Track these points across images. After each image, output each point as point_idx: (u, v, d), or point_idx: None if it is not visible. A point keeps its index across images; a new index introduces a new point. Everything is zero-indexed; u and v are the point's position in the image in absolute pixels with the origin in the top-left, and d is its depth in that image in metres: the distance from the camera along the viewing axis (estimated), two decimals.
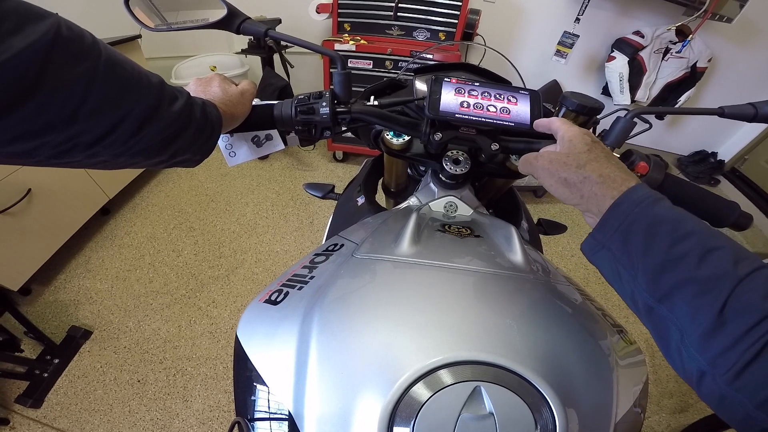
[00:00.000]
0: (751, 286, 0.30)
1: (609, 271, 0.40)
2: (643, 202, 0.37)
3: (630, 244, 0.37)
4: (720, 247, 0.33)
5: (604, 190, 0.40)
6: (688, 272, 0.33)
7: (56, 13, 0.32)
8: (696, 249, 0.33)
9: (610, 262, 0.39)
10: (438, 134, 0.57)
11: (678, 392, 1.68)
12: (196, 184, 2.55)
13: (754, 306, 0.29)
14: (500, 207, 0.90)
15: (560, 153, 0.44)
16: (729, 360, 0.29)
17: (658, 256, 0.34)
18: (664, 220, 0.36)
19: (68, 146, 0.34)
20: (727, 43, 2.60)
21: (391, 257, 0.48)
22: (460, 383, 0.34)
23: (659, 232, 0.35)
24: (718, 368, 0.30)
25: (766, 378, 0.28)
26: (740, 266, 0.31)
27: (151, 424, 1.43)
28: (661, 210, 0.36)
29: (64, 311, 1.77)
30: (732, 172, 3.12)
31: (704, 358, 0.31)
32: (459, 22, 2.19)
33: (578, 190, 0.42)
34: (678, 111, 0.60)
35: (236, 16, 0.53)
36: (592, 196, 0.41)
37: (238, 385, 0.45)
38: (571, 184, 0.42)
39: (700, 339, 0.31)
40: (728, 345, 0.30)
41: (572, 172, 0.42)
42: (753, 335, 0.29)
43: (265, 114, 0.58)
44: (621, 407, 0.40)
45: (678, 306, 0.33)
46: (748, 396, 0.29)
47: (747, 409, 0.29)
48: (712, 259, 0.32)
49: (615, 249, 0.38)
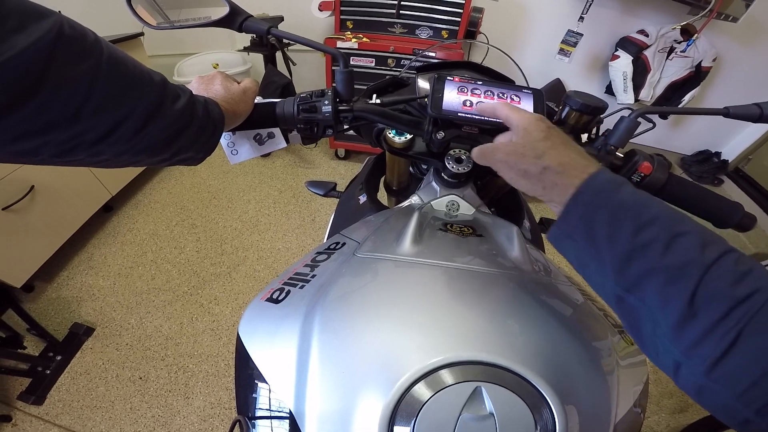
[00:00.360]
0: (719, 273, 0.30)
1: (576, 261, 0.39)
2: (604, 188, 0.36)
3: (594, 233, 0.36)
4: (686, 233, 0.32)
5: (565, 179, 0.39)
6: (654, 260, 0.32)
7: (59, 11, 0.32)
8: (662, 235, 0.32)
9: (576, 252, 0.38)
10: (440, 133, 0.57)
11: (678, 392, 1.68)
12: (198, 181, 2.55)
13: (723, 294, 0.29)
14: (502, 206, 0.89)
15: (516, 143, 0.43)
16: (703, 351, 0.29)
17: (623, 244, 0.34)
18: (627, 206, 0.35)
19: (71, 145, 0.34)
20: (732, 42, 2.58)
21: (393, 256, 0.48)
22: (461, 383, 0.34)
23: (623, 219, 0.34)
24: (693, 359, 0.30)
25: (742, 368, 0.28)
26: (707, 252, 0.31)
27: (152, 421, 1.44)
28: (623, 195, 0.35)
29: (66, 308, 1.78)
30: (736, 172, 3.10)
31: (678, 350, 0.31)
32: (462, 20, 2.18)
33: (539, 182, 0.41)
34: (682, 111, 0.60)
35: (238, 14, 0.53)
36: (554, 186, 0.40)
37: (240, 384, 0.45)
38: (531, 175, 0.41)
39: (673, 330, 0.31)
40: (701, 336, 0.29)
41: (531, 164, 0.41)
42: (725, 325, 0.28)
43: (267, 112, 0.58)
44: (621, 407, 0.40)
45: (648, 296, 0.32)
46: (727, 386, 0.29)
47: (727, 399, 0.29)
48: (678, 246, 0.32)
49: (579, 239, 0.37)
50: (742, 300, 0.28)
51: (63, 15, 0.32)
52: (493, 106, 0.48)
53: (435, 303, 0.41)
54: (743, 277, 0.29)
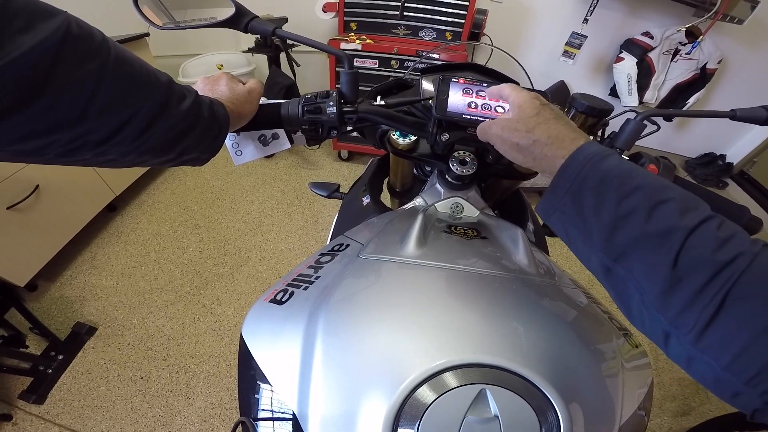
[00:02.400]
0: (701, 238, 0.30)
1: (564, 233, 0.40)
2: (591, 159, 0.37)
3: (581, 204, 0.36)
4: (668, 200, 0.32)
5: (553, 151, 0.40)
6: (638, 228, 0.32)
7: (65, 11, 0.32)
8: (644, 203, 0.33)
9: (565, 225, 0.39)
10: (445, 135, 0.57)
11: (681, 395, 1.67)
12: (202, 181, 2.56)
13: (705, 259, 0.29)
14: (506, 208, 0.89)
15: (511, 119, 0.45)
16: (689, 319, 0.29)
17: (608, 214, 0.34)
18: (612, 176, 0.35)
19: (77, 144, 0.34)
20: (737, 44, 2.57)
21: (397, 258, 0.47)
22: (466, 386, 0.34)
23: (607, 189, 0.35)
24: (680, 329, 0.30)
25: (728, 337, 0.28)
26: (688, 217, 0.31)
27: (153, 421, 1.44)
28: (608, 166, 0.36)
29: (69, 307, 1.79)
30: (740, 175, 3.09)
31: (666, 319, 0.31)
32: (466, 22, 2.19)
33: (530, 153, 0.43)
34: (689, 114, 0.59)
35: (244, 15, 0.53)
36: (543, 157, 0.41)
37: (243, 385, 0.45)
38: (523, 148, 0.43)
39: (659, 298, 0.31)
40: (686, 303, 0.29)
41: (522, 137, 0.43)
42: (709, 291, 0.28)
43: (272, 113, 0.58)
44: (626, 410, 0.40)
45: (634, 265, 0.33)
46: (714, 357, 0.28)
47: (715, 370, 0.29)
48: (659, 213, 0.32)
49: (567, 210, 0.38)
50: (725, 265, 0.28)
51: (70, 14, 0.32)
52: (500, 87, 0.50)
53: (439, 305, 0.41)
54: (725, 242, 0.29)
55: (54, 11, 0.31)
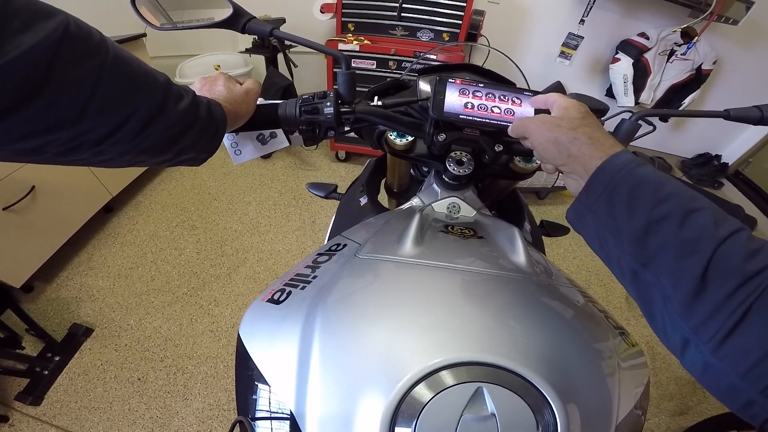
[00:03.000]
0: (732, 248, 0.30)
1: (595, 236, 0.41)
2: (627, 165, 0.38)
3: (614, 206, 0.37)
4: (700, 209, 0.33)
5: (592, 151, 0.41)
6: (670, 234, 0.33)
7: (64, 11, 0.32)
8: (678, 210, 0.33)
9: (596, 227, 0.40)
10: (442, 135, 0.57)
11: (678, 395, 1.68)
12: (198, 182, 2.56)
13: (734, 269, 0.29)
14: (503, 208, 0.90)
15: (555, 117, 0.46)
16: (712, 327, 0.29)
17: (641, 218, 0.35)
18: (646, 182, 0.36)
19: (75, 144, 0.34)
20: (732, 45, 2.59)
21: (394, 258, 0.48)
22: (462, 384, 0.34)
23: (642, 194, 0.35)
24: (701, 336, 0.30)
25: (750, 346, 0.28)
26: (721, 227, 0.31)
27: (151, 422, 1.44)
28: (643, 173, 0.37)
29: (65, 308, 1.78)
30: (735, 175, 3.11)
31: (687, 326, 0.31)
32: (463, 23, 2.19)
33: (566, 149, 0.43)
34: (683, 114, 0.60)
35: (242, 16, 0.53)
36: (581, 155, 0.42)
37: (240, 384, 0.45)
38: (561, 143, 0.44)
39: (683, 305, 0.31)
40: (711, 311, 0.30)
41: (563, 133, 0.43)
42: (735, 300, 0.29)
43: (269, 113, 0.58)
44: (622, 409, 0.40)
45: (662, 270, 0.33)
46: (732, 365, 0.29)
47: (731, 378, 0.29)
48: (692, 221, 0.32)
49: (601, 212, 0.39)
50: (753, 275, 0.29)
51: (69, 14, 0.32)
52: (545, 96, 0.50)
53: (436, 304, 0.41)
54: (755, 253, 0.30)
55: (53, 11, 0.31)
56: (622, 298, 2.07)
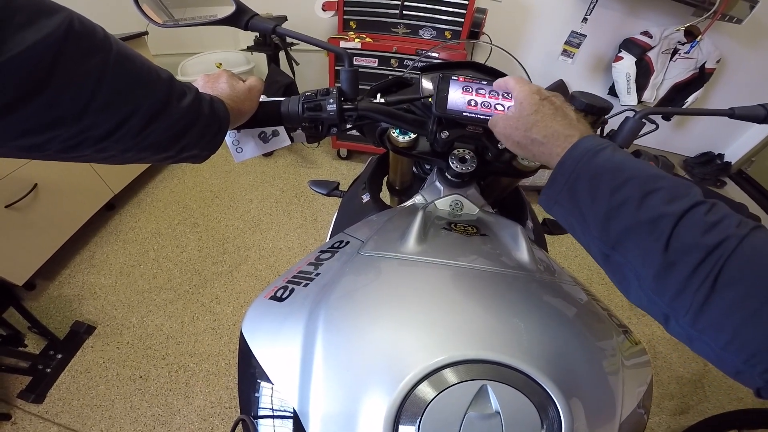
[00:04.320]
0: (690, 223, 0.31)
1: (565, 223, 0.42)
2: (584, 156, 0.39)
3: (577, 197, 0.39)
4: (658, 189, 0.34)
5: (549, 149, 0.43)
6: (630, 217, 0.34)
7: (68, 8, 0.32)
8: (635, 193, 0.34)
9: (564, 216, 0.42)
10: (445, 132, 0.57)
11: (679, 394, 1.68)
12: (200, 180, 2.56)
13: (694, 243, 0.30)
14: (505, 206, 0.89)
15: (511, 117, 0.47)
16: (684, 302, 0.30)
17: (602, 205, 0.36)
18: (604, 170, 0.37)
19: (78, 140, 0.34)
20: (736, 44, 2.57)
21: (397, 255, 0.47)
22: (467, 382, 0.34)
23: (600, 182, 0.37)
24: (677, 311, 0.31)
25: (722, 320, 0.29)
26: (676, 204, 0.32)
27: (152, 420, 1.44)
28: (601, 161, 0.38)
29: (68, 306, 1.78)
30: (738, 174, 3.10)
31: (663, 302, 0.32)
32: (465, 21, 2.18)
33: (529, 151, 0.45)
34: (687, 112, 0.59)
35: (244, 13, 0.53)
36: (541, 155, 0.44)
37: (243, 382, 0.45)
38: (523, 146, 0.46)
39: (654, 282, 0.32)
40: (680, 287, 0.30)
41: (521, 135, 0.45)
42: (699, 275, 0.29)
43: (272, 110, 0.58)
44: (626, 407, 0.40)
45: (629, 252, 0.34)
46: (712, 338, 0.29)
47: (714, 350, 0.30)
48: (649, 201, 0.33)
49: (565, 203, 0.40)
50: (713, 248, 0.29)
51: (73, 11, 0.32)
52: (506, 80, 0.51)
53: (439, 302, 0.41)
54: (713, 226, 0.30)
55: (56, 8, 0.30)
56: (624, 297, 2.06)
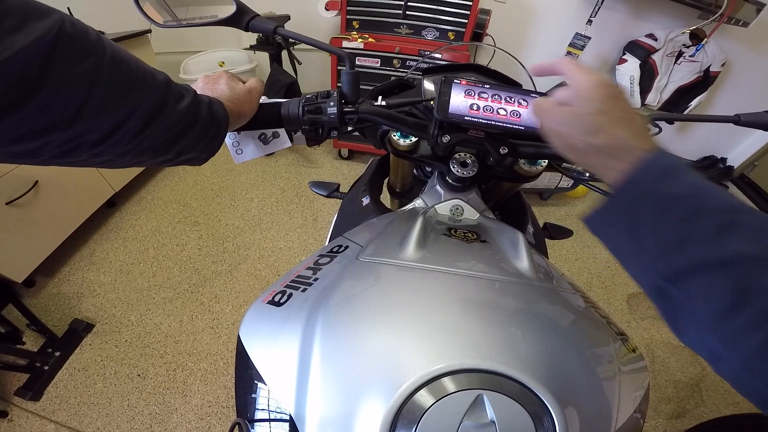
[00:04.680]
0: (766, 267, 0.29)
1: (612, 246, 0.38)
2: (657, 179, 0.34)
3: (637, 222, 0.34)
4: (737, 225, 0.31)
5: (611, 164, 0.36)
6: (702, 253, 0.31)
7: (60, 10, 0.31)
8: (711, 227, 0.31)
9: (614, 239, 0.37)
10: (446, 136, 0.57)
11: (675, 398, 1.67)
12: (201, 178, 2.56)
13: None
14: (506, 210, 0.89)
15: (567, 111, 0.40)
16: (744, 343, 0.28)
17: (668, 234, 0.32)
18: (676, 197, 0.33)
19: (72, 145, 0.34)
20: (742, 47, 2.56)
21: (396, 261, 0.47)
22: (463, 391, 0.34)
23: (671, 213, 0.33)
24: (733, 351, 0.29)
25: None
26: (758, 245, 0.30)
27: (150, 418, 1.44)
28: (675, 187, 0.33)
29: (66, 304, 1.79)
30: (741, 179, 3.08)
31: (718, 339, 0.30)
32: (469, 22, 2.18)
33: (583, 158, 0.39)
34: (693, 118, 0.59)
35: (245, 14, 0.53)
36: (597, 166, 0.38)
37: (239, 386, 0.45)
38: (577, 150, 0.39)
39: (714, 320, 0.30)
40: (743, 328, 0.28)
41: (577, 139, 0.38)
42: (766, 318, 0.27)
43: (272, 112, 0.58)
44: (622, 413, 0.40)
45: (693, 287, 0.31)
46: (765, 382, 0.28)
47: (764, 394, 0.28)
48: (727, 238, 0.30)
49: (620, 227, 0.36)
50: None
51: (65, 13, 0.31)
52: (552, 62, 0.43)
53: (438, 309, 0.41)
54: None
55: (47, 10, 0.30)
56: (623, 300, 2.06)
